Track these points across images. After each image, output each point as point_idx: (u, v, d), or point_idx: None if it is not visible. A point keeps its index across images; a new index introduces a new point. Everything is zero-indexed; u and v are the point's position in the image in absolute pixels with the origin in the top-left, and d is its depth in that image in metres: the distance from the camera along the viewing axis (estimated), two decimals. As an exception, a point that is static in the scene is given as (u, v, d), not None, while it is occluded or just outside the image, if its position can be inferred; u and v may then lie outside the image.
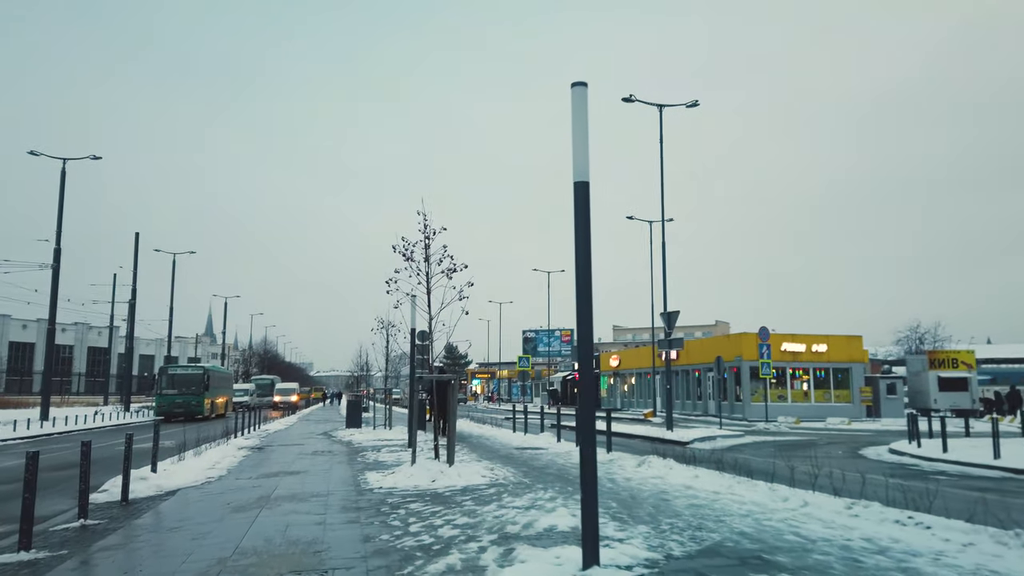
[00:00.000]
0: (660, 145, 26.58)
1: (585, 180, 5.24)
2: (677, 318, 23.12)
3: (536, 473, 10.83)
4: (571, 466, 11.86)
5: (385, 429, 22.24)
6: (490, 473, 10.47)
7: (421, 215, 10.89)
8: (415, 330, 16.11)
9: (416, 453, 10.70)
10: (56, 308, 29.49)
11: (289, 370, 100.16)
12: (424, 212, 10.89)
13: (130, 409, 39.73)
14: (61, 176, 30.07)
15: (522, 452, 14.79)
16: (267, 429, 24.65)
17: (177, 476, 10.52)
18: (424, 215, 10.90)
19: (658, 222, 43.82)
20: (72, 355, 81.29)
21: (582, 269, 5.13)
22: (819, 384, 42.73)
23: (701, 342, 53.85)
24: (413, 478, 9.75)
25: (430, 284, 10.96)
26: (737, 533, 6.29)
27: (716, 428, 25.96)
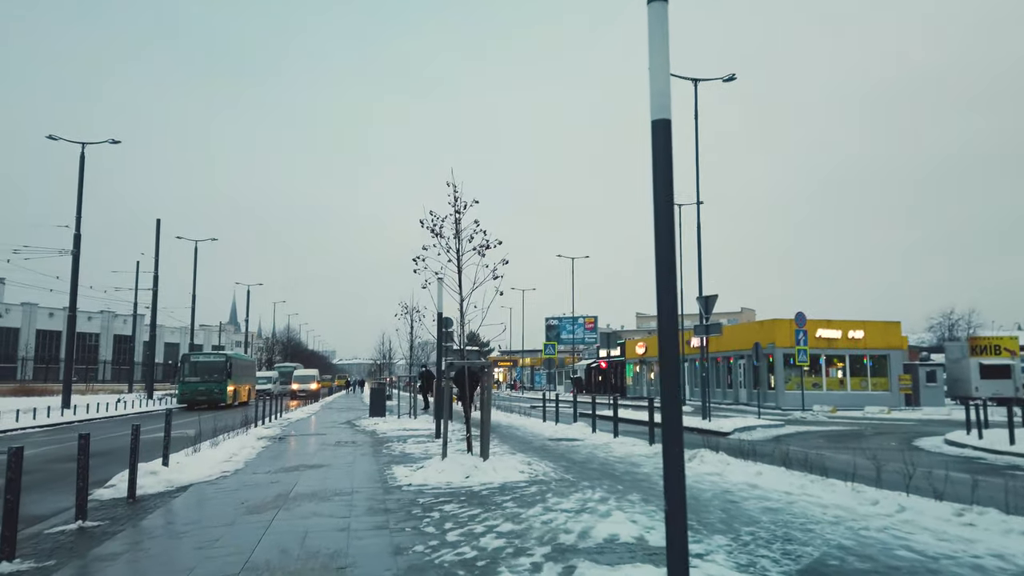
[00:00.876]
0: (695, 121, 25.27)
1: (666, 118, 4.24)
2: (715, 303, 21.98)
3: (578, 468, 9.88)
4: (615, 460, 10.89)
5: (410, 418, 21.45)
6: (528, 468, 9.54)
7: (451, 186, 9.94)
8: (441, 314, 15.23)
9: (446, 445, 9.79)
10: (76, 295, 29.11)
11: (312, 358, 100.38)
12: (454, 183, 9.94)
13: (153, 397, 39.51)
14: (80, 161, 29.58)
15: (557, 444, 13.86)
16: (289, 417, 24.00)
17: (190, 470, 9.74)
18: (454, 186, 9.95)
19: (688, 205, 42.63)
20: (98, 343, 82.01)
21: (663, 224, 4.13)
22: (855, 372, 41.30)
23: (731, 329, 52.46)
24: (445, 473, 8.86)
25: (461, 262, 10.02)
26: (836, 547, 5.29)
27: (754, 417, 24.83)
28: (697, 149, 25.00)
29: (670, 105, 4.26)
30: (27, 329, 72.87)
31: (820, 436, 18.23)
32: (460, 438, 14.16)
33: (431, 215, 9.98)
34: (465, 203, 9.94)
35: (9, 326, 71.67)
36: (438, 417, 15.31)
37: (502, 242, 9.98)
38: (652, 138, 4.24)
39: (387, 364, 50.93)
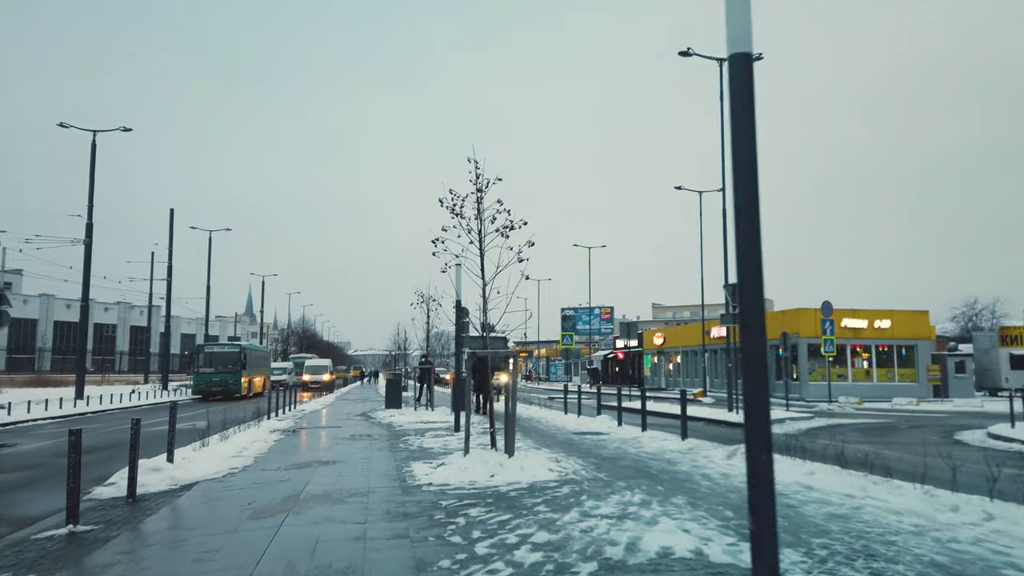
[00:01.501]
0: (720, 103, 24.34)
1: (746, 51, 3.48)
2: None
3: (610, 466, 9.17)
4: (647, 457, 10.16)
5: (427, 410, 20.84)
6: (557, 466, 8.85)
7: (472, 163, 9.21)
8: (460, 302, 14.53)
9: (468, 440, 9.11)
10: (89, 285, 28.76)
11: (327, 349, 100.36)
12: (475, 160, 9.21)
13: (168, 388, 39.28)
14: (91, 149, 29.16)
15: (582, 438, 13.16)
16: (303, 409, 23.50)
17: (197, 466, 9.14)
18: (475, 163, 9.21)
19: (709, 191, 41.57)
20: (115, 334, 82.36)
21: (744, 175, 3.39)
22: (881, 362, 40.26)
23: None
24: (468, 472, 8.18)
25: (483, 244, 9.29)
26: (930, 564, 4.54)
27: (782, 410, 23.98)
28: (723, 134, 24.03)
29: (751, 34, 3.50)
30: (45, 320, 73.21)
31: (853, 429, 17.39)
32: (480, 431, 13.51)
33: (451, 194, 9.28)
34: (488, 180, 9.22)
35: (27, 317, 72.00)
36: (456, 409, 14.66)
37: (527, 222, 9.26)
38: (729, 76, 3.50)
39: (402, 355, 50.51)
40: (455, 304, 14.22)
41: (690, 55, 23.42)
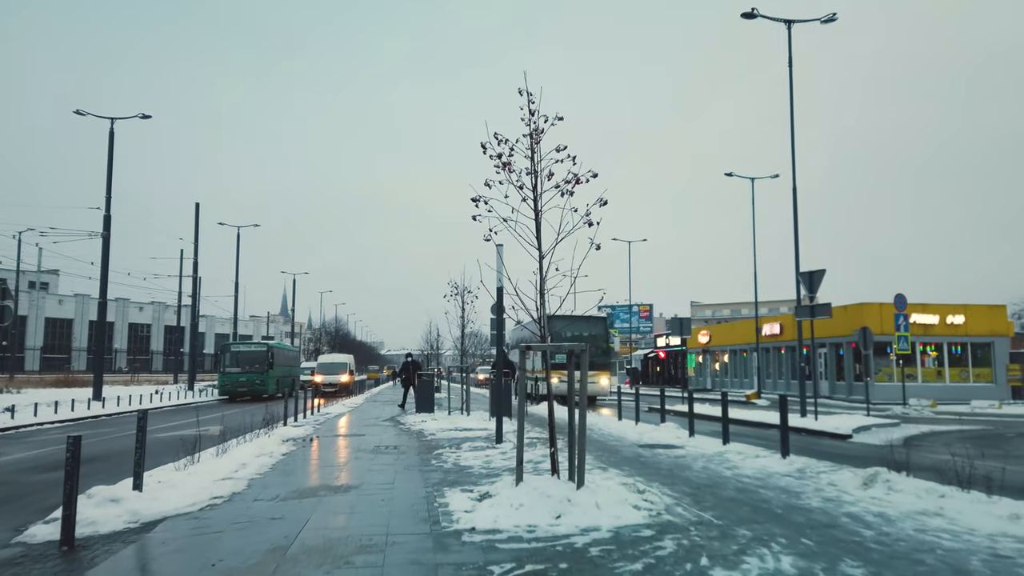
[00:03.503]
0: (789, 70, 21.62)
1: None
2: (822, 279, 18.46)
3: (711, 499, 6.85)
4: (753, 483, 7.78)
5: (462, 415, 18.68)
6: (640, 499, 6.54)
7: (524, 95, 6.94)
8: (502, 289, 12.30)
9: (521, 464, 6.84)
10: (107, 280, 27.32)
11: (360, 348, 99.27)
12: (529, 91, 6.94)
13: (194, 388, 37.91)
14: (109, 137, 27.72)
15: (654, 453, 10.82)
16: (327, 412, 21.54)
17: (172, 495, 7.07)
18: (529, 95, 6.94)
19: (762, 178, 38.79)
20: (149, 333, 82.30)
21: None
22: (954, 361, 36.95)
23: (801, 316, 48.11)
24: (524, 510, 5.93)
25: (539, 203, 7.03)
26: None
27: (862, 415, 21.26)
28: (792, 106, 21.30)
29: None
30: (80, 320, 73.23)
31: (958, 439, 14.78)
32: (529, 441, 11.18)
33: (496, 139, 7.01)
34: (546, 117, 6.93)
35: (63, 317, 72.15)
36: (497, 416, 12.44)
37: (597, 174, 6.95)
38: None
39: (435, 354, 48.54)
40: (497, 292, 12.01)
41: (755, 17, 20.80)
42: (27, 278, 71.14)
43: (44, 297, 70.90)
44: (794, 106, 21.17)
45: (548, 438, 7.02)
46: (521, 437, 6.76)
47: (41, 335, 69.74)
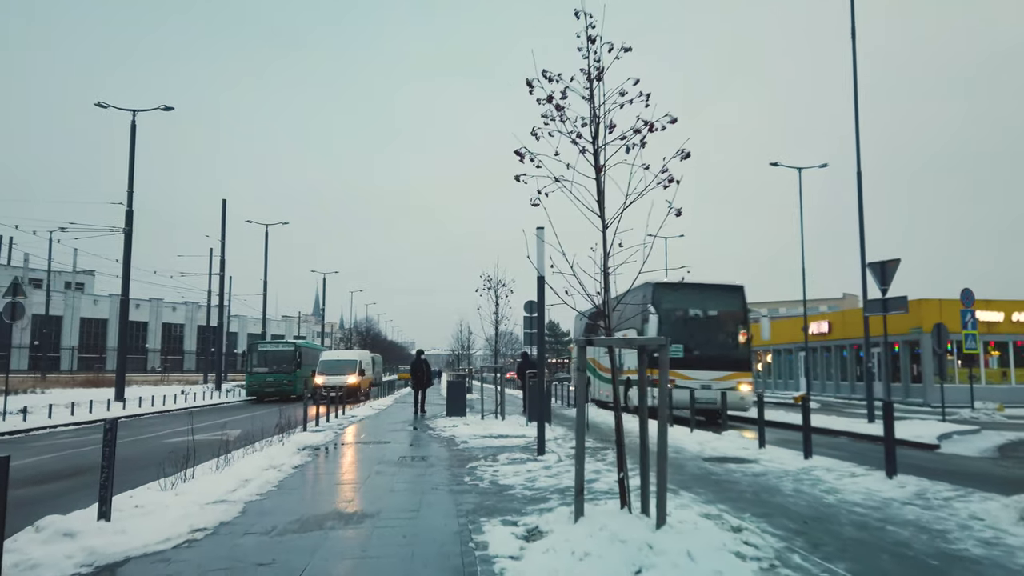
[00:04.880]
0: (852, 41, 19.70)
1: None
2: (896, 270, 16.55)
3: (831, 541, 5.24)
4: (872, 517, 6.12)
5: (496, 419, 17.20)
6: (743, 544, 4.96)
7: (583, 16, 5.41)
8: (543, 279, 10.78)
9: (582, 494, 5.28)
10: (129, 277, 26.49)
11: (391, 348, 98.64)
12: (588, 14, 5.41)
13: (221, 388, 37.14)
14: (131, 130, 26.88)
15: (725, 469, 9.18)
16: (353, 414, 20.25)
17: (145, 524, 5.71)
18: (589, 17, 5.41)
19: (809, 168, 36.59)
20: (183, 333, 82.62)
21: None
22: (1020, 361, 34.44)
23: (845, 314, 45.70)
24: (592, 562, 4.41)
25: (600, 158, 5.49)
26: None
27: (936, 420, 19.22)
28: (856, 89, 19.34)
29: None
30: (114, 319, 73.57)
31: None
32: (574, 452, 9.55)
33: (544, 76, 5.49)
34: (610, 44, 5.38)
35: (98, 317, 72.67)
36: (539, 422, 10.90)
37: (676, 120, 5.39)
38: None
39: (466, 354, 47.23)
40: (538, 281, 10.51)
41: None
42: (63, 278, 71.94)
43: (79, 297, 71.49)
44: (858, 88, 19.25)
45: (617, 461, 5.45)
46: (581, 457, 5.22)
47: (76, 335, 70.35)
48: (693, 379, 16.73)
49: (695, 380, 16.69)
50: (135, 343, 73.92)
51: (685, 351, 17.08)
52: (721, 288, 18.51)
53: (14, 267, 67.03)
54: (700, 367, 17.06)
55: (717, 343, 17.90)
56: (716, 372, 17.13)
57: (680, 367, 16.76)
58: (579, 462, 5.19)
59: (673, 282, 17.19)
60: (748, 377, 17.73)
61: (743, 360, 17.90)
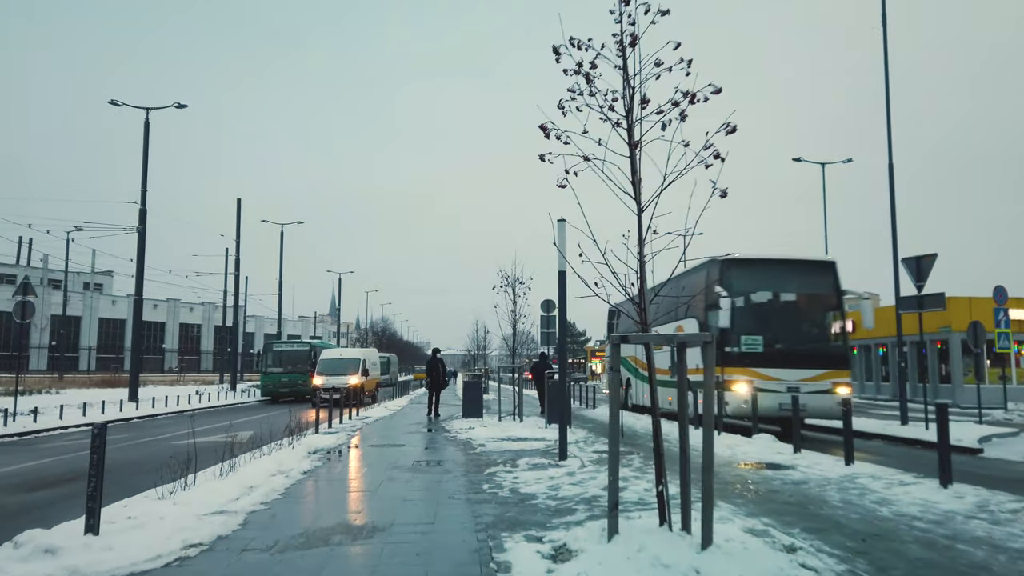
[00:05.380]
0: (883, 27, 18.94)
1: None
2: (932, 265, 15.76)
3: (900, 564, 4.62)
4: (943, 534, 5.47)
5: (514, 420, 16.67)
6: (800, 569, 4.37)
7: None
8: (564, 274, 10.23)
9: (616, 509, 4.72)
10: (143, 276, 26.29)
11: (407, 349, 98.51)
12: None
13: (236, 389, 36.93)
14: (144, 128, 26.68)
15: (762, 476, 8.56)
16: (367, 416, 19.81)
17: (137, 539, 5.23)
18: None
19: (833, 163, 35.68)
20: (200, 334, 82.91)
21: None
22: (1052, 362, 33.33)
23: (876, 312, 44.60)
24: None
25: (636, 133, 4.94)
26: None
27: (972, 423, 18.40)
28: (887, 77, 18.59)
29: None
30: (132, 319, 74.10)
31: None
32: (597, 456, 9.02)
33: (572, 43, 4.95)
34: (647, 6, 4.81)
35: (116, 318, 73.06)
36: (561, 425, 10.33)
37: (720, 90, 4.81)
38: None
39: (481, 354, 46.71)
40: (559, 275, 9.95)
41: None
42: (82, 279, 72.42)
43: (98, 297, 71.95)
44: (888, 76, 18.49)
45: (655, 472, 4.87)
46: (615, 468, 4.65)
47: (95, 335, 70.79)
48: (777, 379, 13.55)
49: (780, 381, 13.54)
50: (153, 343, 74.29)
51: (766, 344, 13.83)
52: (809, 265, 15.12)
53: (33, 268, 67.64)
54: (785, 364, 13.73)
55: (806, 334, 14.58)
56: (805, 371, 13.69)
57: (760, 365, 13.64)
58: (613, 473, 4.62)
59: (747, 258, 14.32)
60: (846, 377, 14.16)
61: (839, 355, 14.39)
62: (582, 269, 5.27)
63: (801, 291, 14.89)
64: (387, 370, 60.24)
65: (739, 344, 13.68)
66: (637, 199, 4.93)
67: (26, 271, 64.21)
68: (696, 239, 5.09)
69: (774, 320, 14.48)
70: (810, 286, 14.86)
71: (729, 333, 13.40)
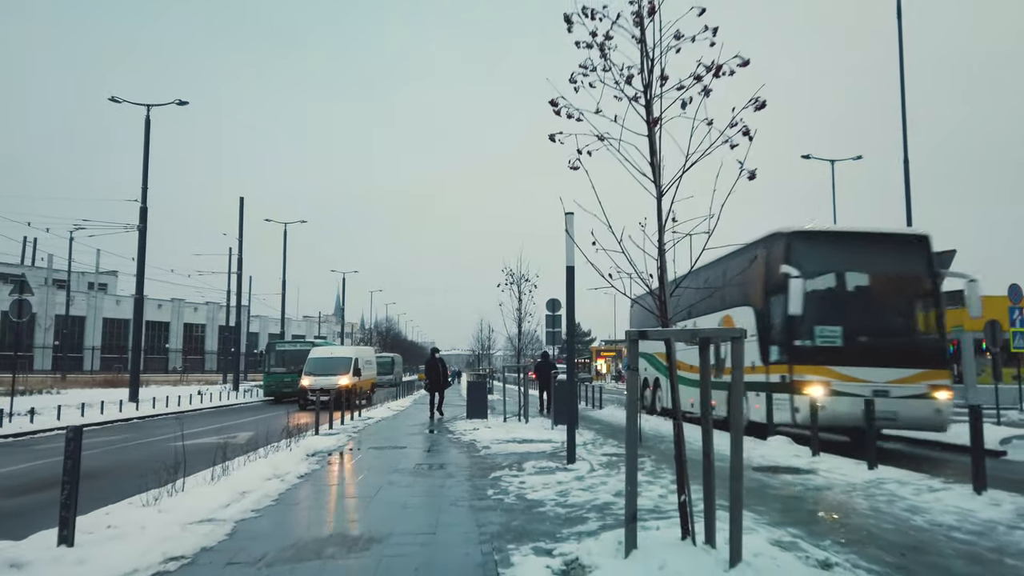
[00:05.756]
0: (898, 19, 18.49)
1: None
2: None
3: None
4: (987, 546, 5.03)
5: (519, 421, 16.27)
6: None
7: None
8: (572, 269, 9.82)
9: (634, 519, 4.31)
10: (144, 275, 26.01)
11: (411, 348, 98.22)
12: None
13: (239, 388, 36.63)
14: (145, 124, 26.39)
15: (781, 481, 8.14)
16: (370, 416, 19.43)
17: (114, 551, 4.85)
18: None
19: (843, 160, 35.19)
20: (204, 333, 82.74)
21: None
22: (1069, 361, 32.70)
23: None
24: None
25: (655, 109, 4.53)
26: None
27: (992, 424, 17.91)
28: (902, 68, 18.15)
29: None
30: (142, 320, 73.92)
31: None
32: (607, 459, 8.57)
33: (585, 12, 4.54)
34: (666, -30, 4.41)
35: (120, 317, 72.91)
36: (569, 427, 9.92)
37: (748, 62, 4.40)
38: None
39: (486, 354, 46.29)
40: (567, 271, 9.55)
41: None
42: (87, 279, 72.31)
43: (102, 297, 71.86)
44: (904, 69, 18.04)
45: (677, 480, 4.46)
46: (633, 477, 4.24)
47: (99, 335, 70.69)
48: (861, 380, 11.00)
49: (864, 383, 10.95)
50: (157, 343, 74.18)
51: (846, 337, 11.32)
52: (897, 238, 12.43)
53: (38, 268, 67.53)
54: (870, 362, 11.18)
55: (895, 324, 12.03)
56: (896, 370, 11.19)
57: (838, 362, 11.19)
58: (631, 482, 4.21)
59: (821, 230, 12.26)
60: (945, 378, 11.58)
61: (936, 351, 11.81)
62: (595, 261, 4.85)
63: (889, 271, 12.11)
64: (391, 370, 59.90)
65: (812, 337, 11.27)
66: (656, 182, 4.51)
67: (31, 271, 64.16)
68: (695, 238, 4.66)
69: (855, 307, 11.87)
70: (900, 264, 12.27)
71: (799, 323, 11.22)
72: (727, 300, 13.80)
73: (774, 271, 11.76)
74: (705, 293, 12.01)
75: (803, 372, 11.33)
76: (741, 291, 13.39)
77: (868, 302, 12.05)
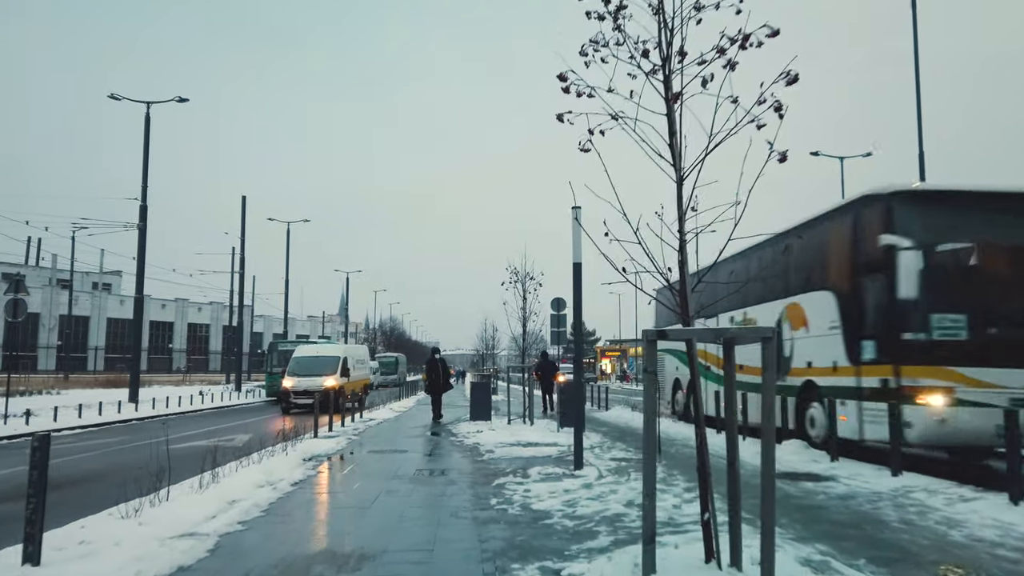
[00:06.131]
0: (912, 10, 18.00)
1: None
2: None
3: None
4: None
5: (524, 423, 15.85)
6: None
7: None
8: (579, 266, 9.40)
9: (652, 539, 3.90)
10: (144, 274, 25.72)
11: (416, 349, 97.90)
12: None
13: (241, 389, 36.31)
14: (145, 122, 26.11)
15: (801, 489, 7.69)
16: (371, 418, 19.04)
17: (83, 569, 4.46)
18: None
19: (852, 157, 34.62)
20: (208, 333, 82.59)
21: None
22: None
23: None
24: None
25: (674, 85, 4.10)
26: None
27: None
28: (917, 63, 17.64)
29: None
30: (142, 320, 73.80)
31: None
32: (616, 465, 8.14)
33: (597, -19, 4.11)
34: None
35: (124, 317, 72.76)
36: (576, 431, 9.49)
37: (777, 32, 3.97)
38: None
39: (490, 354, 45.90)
40: (574, 267, 9.12)
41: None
42: (91, 279, 72.19)
43: (106, 297, 71.76)
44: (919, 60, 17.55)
45: (700, 495, 4.03)
46: (652, 492, 3.80)
47: (103, 335, 70.59)
48: (996, 386, 8.40)
49: (1001, 389, 8.36)
50: (161, 343, 74.04)
51: (972, 329, 8.65)
52: None
53: (42, 268, 67.44)
54: (1008, 362, 8.51)
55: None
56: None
57: (963, 362, 8.60)
58: (649, 496, 3.78)
59: (933, 188, 9.60)
60: None
61: None
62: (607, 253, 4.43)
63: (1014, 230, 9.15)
64: (395, 370, 59.56)
65: (928, 328, 8.65)
66: (676, 165, 4.08)
67: (35, 271, 64.05)
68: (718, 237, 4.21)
69: (983, 290, 8.92)
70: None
71: (909, 311, 8.73)
72: (792, 284, 11.59)
73: (869, 243, 9.37)
74: (758, 277, 10.31)
75: (916, 375, 8.78)
76: (814, 272, 11.04)
77: (1000, 283, 9.07)
